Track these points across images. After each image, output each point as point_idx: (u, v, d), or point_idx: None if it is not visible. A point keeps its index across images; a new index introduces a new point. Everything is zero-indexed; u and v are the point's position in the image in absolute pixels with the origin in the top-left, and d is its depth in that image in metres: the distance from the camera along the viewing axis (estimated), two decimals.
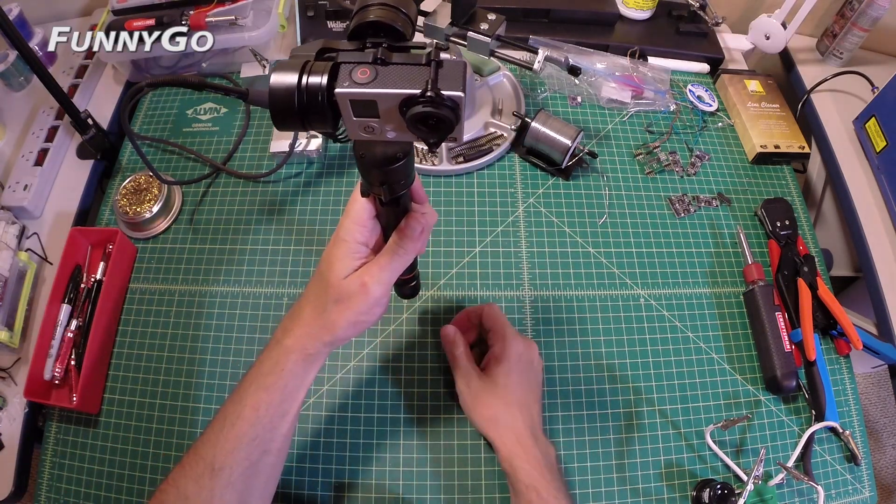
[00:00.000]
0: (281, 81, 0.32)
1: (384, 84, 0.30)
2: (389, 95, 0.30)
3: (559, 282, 0.65)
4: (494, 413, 0.50)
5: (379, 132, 0.33)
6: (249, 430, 0.39)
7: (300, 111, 0.32)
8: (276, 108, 0.32)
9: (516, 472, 0.47)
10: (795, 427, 0.59)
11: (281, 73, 0.32)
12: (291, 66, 0.32)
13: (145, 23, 0.72)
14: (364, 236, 0.40)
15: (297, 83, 0.31)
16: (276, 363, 0.40)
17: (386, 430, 0.57)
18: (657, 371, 0.60)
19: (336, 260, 0.40)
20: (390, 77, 0.31)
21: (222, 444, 0.39)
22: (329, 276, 0.40)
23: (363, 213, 0.40)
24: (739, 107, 0.77)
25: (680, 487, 0.55)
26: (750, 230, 0.69)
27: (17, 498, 0.57)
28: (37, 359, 0.58)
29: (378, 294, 0.39)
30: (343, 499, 0.54)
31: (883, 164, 0.71)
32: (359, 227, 0.40)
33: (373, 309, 0.40)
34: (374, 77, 0.31)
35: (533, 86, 0.80)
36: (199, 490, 0.39)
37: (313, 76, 0.31)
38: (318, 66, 0.32)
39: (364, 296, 0.39)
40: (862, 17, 0.77)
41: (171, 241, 0.68)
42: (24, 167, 0.71)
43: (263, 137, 0.75)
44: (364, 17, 0.33)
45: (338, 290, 0.39)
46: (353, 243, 0.40)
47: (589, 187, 0.71)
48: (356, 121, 0.32)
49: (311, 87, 0.31)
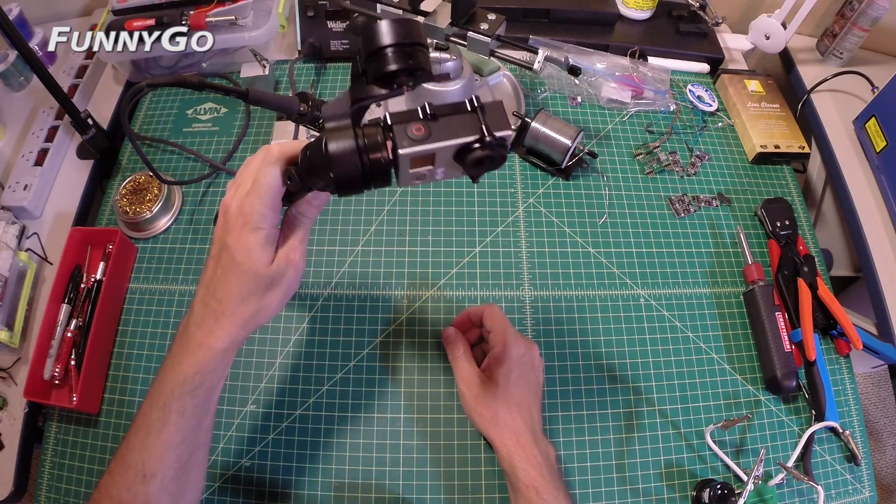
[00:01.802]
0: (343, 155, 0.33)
1: (441, 138, 0.33)
2: (449, 147, 0.33)
3: (559, 282, 0.65)
4: (495, 413, 0.50)
5: (430, 176, 0.35)
6: (177, 434, 0.39)
7: (363, 177, 0.34)
8: (343, 182, 0.34)
9: (516, 471, 0.47)
10: (795, 427, 0.59)
11: (338, 142, 0.33)
12: (344, 136, 0.33)
13: (145, 23, 0.72)
14: (277, 219, 0.40)
15: (358, 155, 0.33)
16: (202, 365, 0.39)
17: (386, 430, 0.57)
18: (657, 371, 0.60)
19: (256, 248, 0.38)
20: (444, 129, 0.33)
21: (150, 451, 0.38)
22: (252, 265, 0.38)
23: (278, 198, 0.39)
24: (739, 107, 0.77)
25: (680, 487, 0.55)
26: (750, 230, 0.69)
27: (17, 498, 0.57)
28: (37, 359, 0.58)
29: (303, 265, 0.41)
30: (343, 499, 0.54)
31: (883, 164, 0.71)
32: (273, 212, 0.39)
33: (299, 279, 0.42)
34: (429, 133, 0.33)
35: (533, 86, 0.80)
36: (133, 498, 0.38)
37: (372, 150, 0.33)
38: (370, 132, 0.33)
39: (295, 272, 0.41)
40: (862, 17, 0.77)
41: (171, 241, 0.68)
42: (24, 167, 0.71)
43: (263, 137, 0.75)
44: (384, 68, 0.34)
45: (268, 276, 0.39)
46: (269, 229, 0.39)
47: (589, 187, 0.71)
48: (412, 172, 0.34)
49: (373, 159, 0.33)
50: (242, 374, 0.59)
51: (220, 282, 0.39)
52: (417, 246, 0.66)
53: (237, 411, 0.58)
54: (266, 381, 0.59)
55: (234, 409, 0.58)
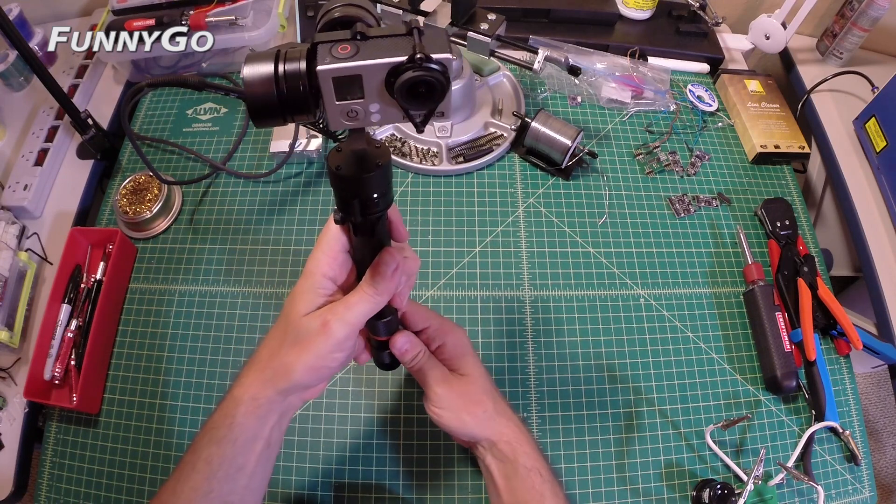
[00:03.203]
0: (256, 73, 0.29)
1: (368, 56, 0.28)
2: (375, 67, 0.28)
3: (559, 282, 0.65)
4: (486, 407, 0.45)
5: (363, 115, 0.30)
6: (204, 483, 0.37)
7: (280, 102, 0.30)
8: (254, 103, 0.30)
9: (518, 457, 0.44)
10: (795, 427, 0.59)
11: (254, 64, 0.29)
12: (265, 56, 0.29)
13: (145, 23, 0.72)
14: (333, 270, 0.37)
15: (273, 71, 0.29)
16: (225, 415, 0.37)
17: (386, 430, 0.57)
18: (657, 371, 0.60)
19: (299, 294, 0.36)
20: (373, 49, 0.29)
21: (178, 495, 0.37)
22: (290, 312, 0.36)
23: (335, 245, 0.36)
24: (739, 107, 0.77)
25: (680, 487, 0.55)
26: (750, 230, 0.69)
27: (17, 498, 0.57)
28: (37, 359, 0.58)
29: (341, 336, 0.35)
30: (343, 499, 0.54)
31: (883, 164, 0.71)
32: (328, 258, 0.36)
33: (334, 353, 0.36)
34: (356, 51, 0.28)
35: (533, 86, 0.80)
36: None
37: (290, 62, 0.29)
38: (293, 52, 0.29)
39: (325, 336, 0.35)
40: (862, 17, 0.77)
41: (171, 241, 0.68)
42: (24, 167, 0.71)
43: (263, 137, 0.75)
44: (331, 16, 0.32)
45: (296, 328, 0.36)
46: (319, 276, 0.36)
47: (589, 187, 0.71)
48: (338, 105, 0.30)
49: (290, 73, 0.29)
50: None
51: (270, 329, 0.38)
52: (417, 246, 0.66)
53: None
54: None
55: None
